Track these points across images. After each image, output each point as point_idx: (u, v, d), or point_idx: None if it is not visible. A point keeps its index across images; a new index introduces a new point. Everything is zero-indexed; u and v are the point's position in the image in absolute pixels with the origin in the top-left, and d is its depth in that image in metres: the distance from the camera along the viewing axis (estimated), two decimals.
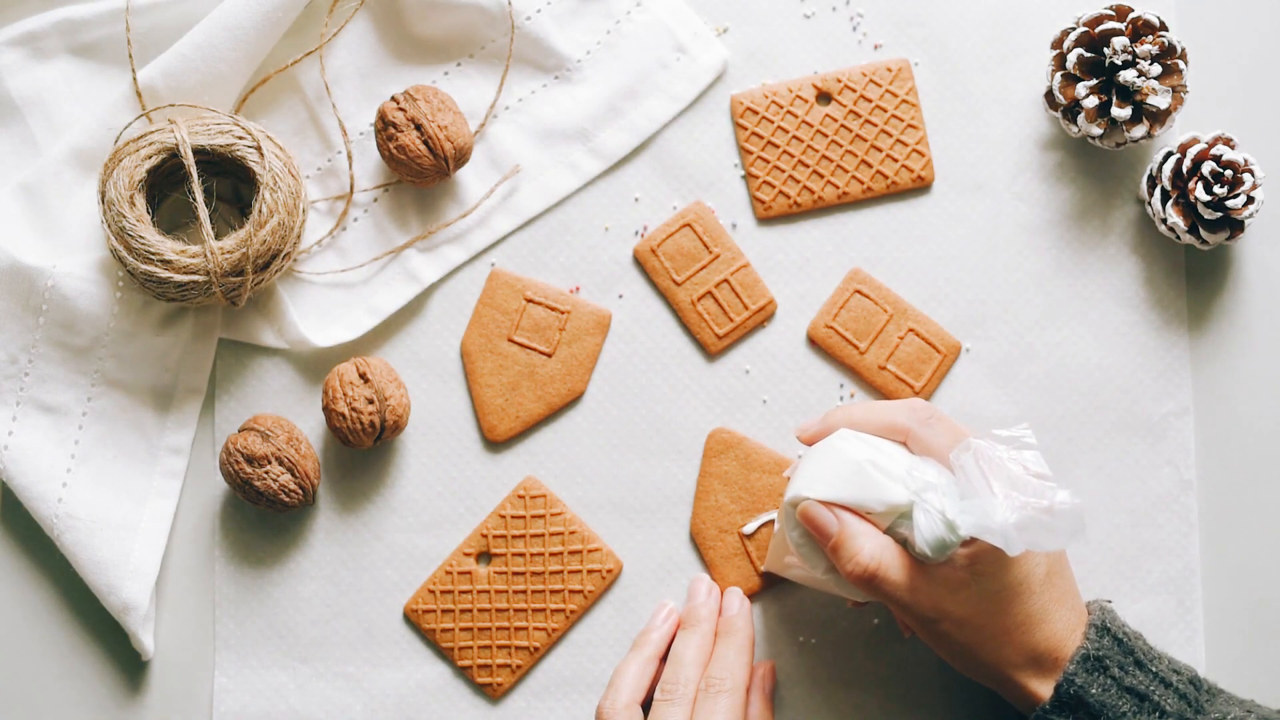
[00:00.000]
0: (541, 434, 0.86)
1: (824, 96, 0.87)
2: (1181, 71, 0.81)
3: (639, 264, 0.87)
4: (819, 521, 0.72)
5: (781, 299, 0.87)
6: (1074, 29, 0.82)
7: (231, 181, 0.86)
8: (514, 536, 0.85)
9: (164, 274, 0.80)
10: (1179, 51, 0.81)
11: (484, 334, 0.86)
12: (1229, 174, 0.81)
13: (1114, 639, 0.73)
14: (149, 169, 0.81)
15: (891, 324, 0.86)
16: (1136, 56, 0.80)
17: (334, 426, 0.82)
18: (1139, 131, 0.81)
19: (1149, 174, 0.84)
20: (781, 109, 0.86)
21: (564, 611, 0.85)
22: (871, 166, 0.86)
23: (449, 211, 0.87)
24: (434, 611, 0.85)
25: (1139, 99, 0.81)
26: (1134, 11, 0.81)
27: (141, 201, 0.81)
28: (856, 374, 0.86)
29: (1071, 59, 0.82)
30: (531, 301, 0.86)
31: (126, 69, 0.86)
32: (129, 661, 0.86)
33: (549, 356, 0.86)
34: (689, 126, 0.87)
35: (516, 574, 0.85)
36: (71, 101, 0.87)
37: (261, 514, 0.86)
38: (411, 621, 0.85)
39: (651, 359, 0.87)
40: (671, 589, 0.85)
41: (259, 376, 0.87)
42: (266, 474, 0.81)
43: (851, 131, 0.86)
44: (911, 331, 0.85)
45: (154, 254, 0.80)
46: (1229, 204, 0.81)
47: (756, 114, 0.87)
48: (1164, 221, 0.82)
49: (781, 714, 0.84)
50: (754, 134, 0.87)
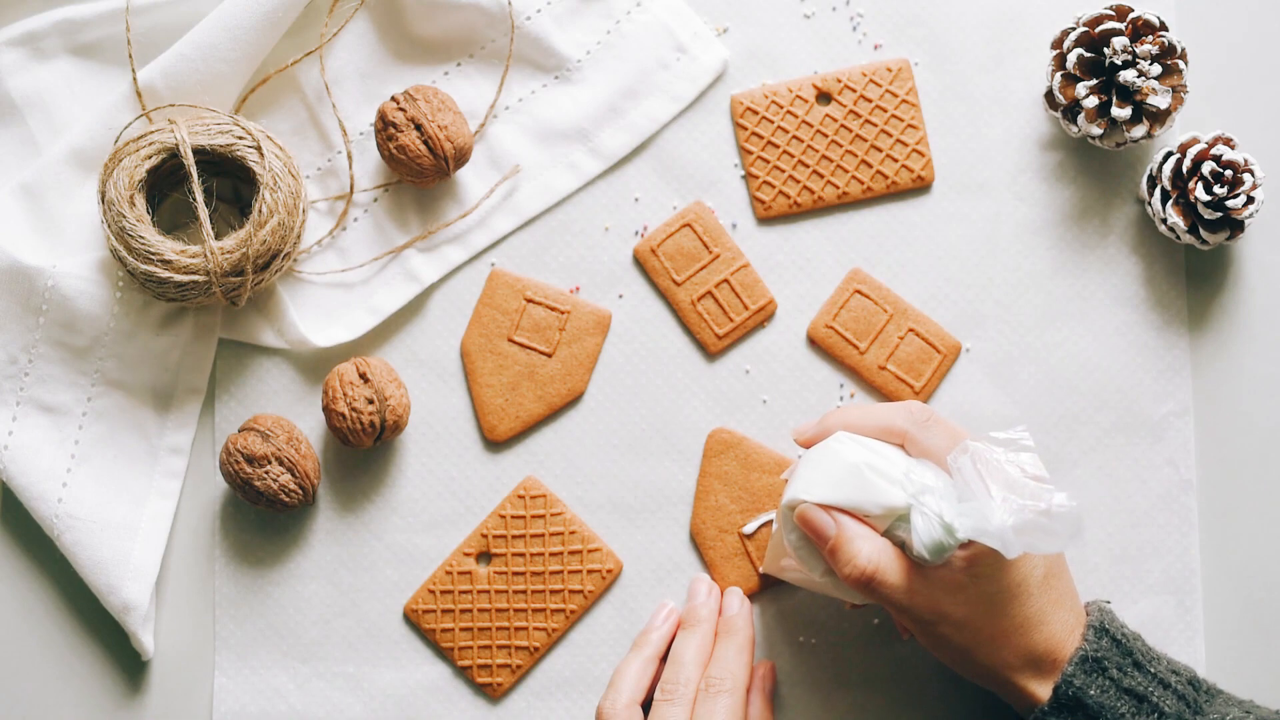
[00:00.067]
0: (541, 434, 0.86)
1: (824, 96, 0.87)
2: (1181, 71, 0.81)
3: (639, 264, 0.87)
4: (817, 524, 0.72)
5: (781, 299, 0.87)
6: (1074, 29, 0.82)
7: (231, 181, 0.86)
8: (514, 536, 0.85)
9: (164, 274, 0.80)
10: (1179, 51, 0.81)
11: (484, 334, 0.86)
12: (1229, 174, 0.81)
13: (1112, 640, 0.73)
14: (149, 169, 0.81)
15: (891, 324, 0.85)
16: (1136, 56, 0.80)
17: (334, 426, 0.82)
18: (1139, 131, 0.81)
19: (1149, 174, 0.84)
20: (781, 109, 0.86)
21: (564, 611, 0.85)
22: (871, 166, 0.86)
23: (449, 211, 0.87)
24: (434, 611, 0.85)
25: (1139, 99, 0.81)
26: (1134, 11, 0.81)
27: (141, 201, 0.81)
28: (856, 374, 0.86)
29: (1071, 59, 0.82)
30: (531, 301, 0.86)
31: (126, 69, 0.86)
32: (129, 661, 0.86)
33: (549, 356, 0.86)
34: (689, 126, 0.87)
35: (516, 574, 0.85)
36: (71, 101, 0.87)
37: (261, 514, 0.86)
38: (411, 621, 0.85)
39: (651, 359, 0.87)
40: (671, 589, 0.85)
41: (259, 376, 0.87)
42: (266, 474, 0.81)
43: (851, 131, 0.86)
44: (911, 331, 0.85)
45: (154, 254, 0.80)
46: (1229, 204, 0.81)
47: (756, 114, 0.87)
48: (1164, 221, 0.82)
49: (781, 714, 0.84)
50: (754, 134, 0.86)
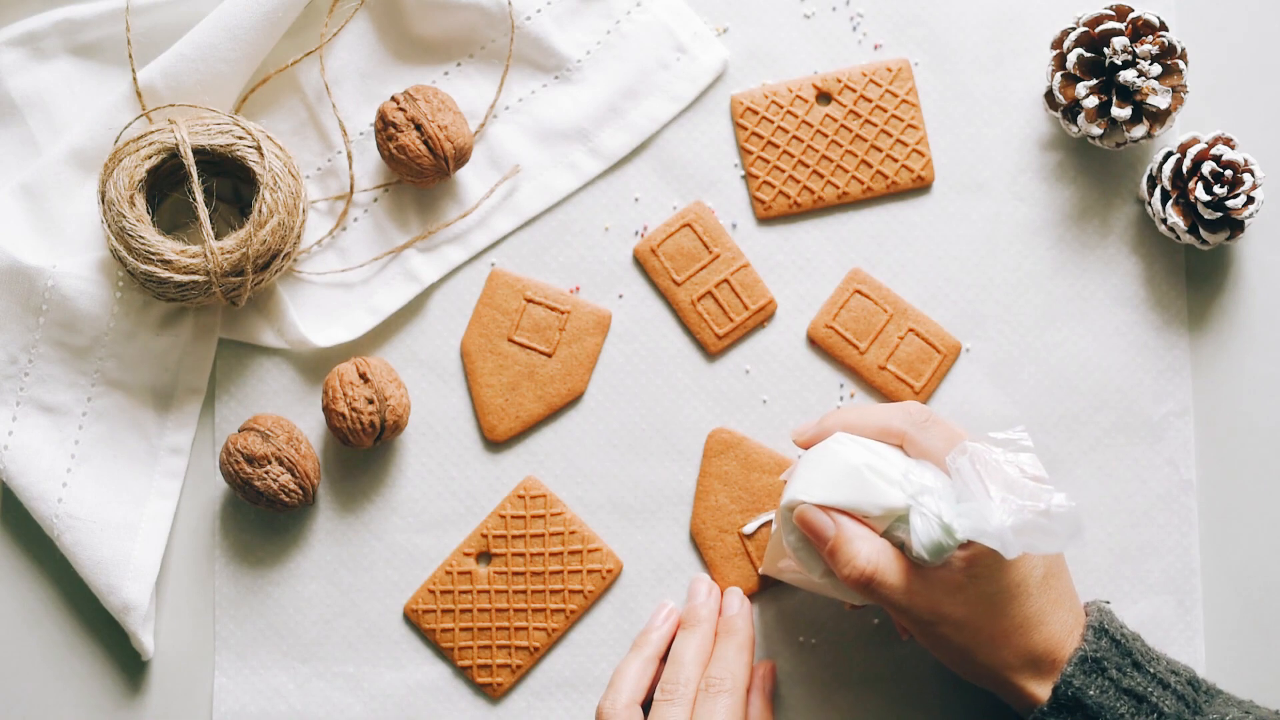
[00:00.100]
0: (541, 434, 0.86)
1: (824, 96, 0.87)
2: (1181, 71, 0.81)
3: (639, 264, 0.87)
4: (816, 525, 0.72)
5: (781, 299, 0.86)
6: (1074, 29, 0.82)
7: (231, 181, 0.86)
8: (514, 536, 0.85)
9: (164, 274, 0.80)
10: (1179, 51, 0.81)
11: (484, 334, 0.86)
12: (1229, 174, 0.80)
13: (1112, 640, 0.73)
14: (149, 169, 0.81)
15: (891, 324, 0.85)
16: (1136, 56, 0.80)
17: (334, 426, 0.82)
18: (1139, 131, 0.81)
19: (1149, 174, 0.84)
20: (781, 109, 0.86)
21: (564, 611, 0.85)
22: (871, 166, 0.86)
23: (449, 211, 0.87)
24: (434, 611, 0.85)
25: (1139, 99, 0.81)
26: (1134, 11, 0.81)
27: (141, 201, 0.81)
28: (856, 374, 0.86)
29: (1071, 59, 0.81)
30: (531, 301, 0.86)
31: (126, 69, 0.86)
32: (129, 661, 0.86)
33: (549, 356, 0.86)
34: (689, 126, 0.87)
35: (516, 574, 0.85)
36: (71, 101, 0.87)
37: (261, 514, 0.86)
38: (411, 621, 0.85)
39: (651, 359, 0.86)
40: (671, 589, 0.85)
41: (259, 376, 0.87)
42: (266, 474, 0.81)
43: (851, 131, 0.86)
44: (911, 331, 0.85)
45: (154, 254, 0.80)
46: (1229, 204, 0.80)
47: (756, 114, 0.87)
48: (1164, 221, 0.82)
49: (781, 714, 0.84)
50: (754, 134, 0.86)
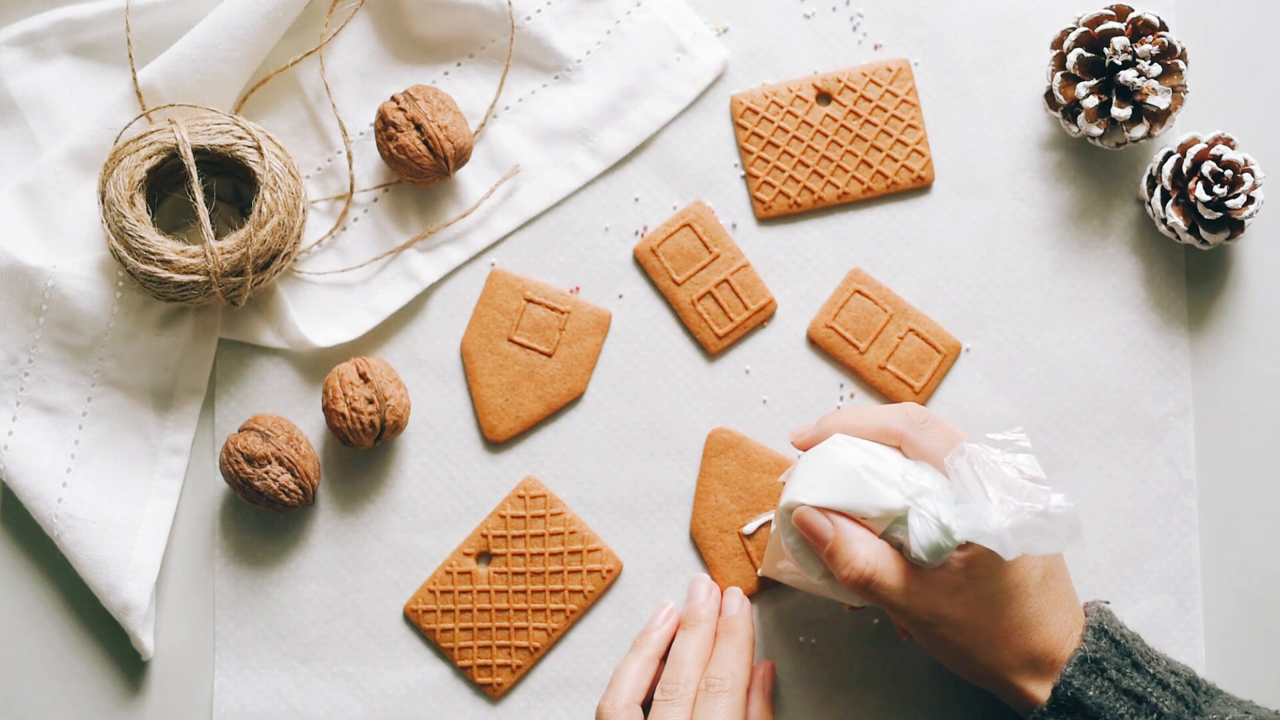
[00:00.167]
0: (541, 434, 0.86)
1: (824, 96, 0.87)
2: (1181, 71, 0.81)
3: (639, 264, 0.87)
4: (814, 527, 0.72)
5: (781, 299, 0.86)
6: (1074, 29, 0.82)
7: (231, 181, 0.86)
8: (514, 536, 0.85)
9: (164, 274, 0.80)
10: (1179, 51, 0.81)
11: (484, 334, 0.86)
12: (1229, 174, 0.80)
13: (1111, 641, 0.73)
14: (149, 169, 0.81)
15: (891, 324, 0.85)
16: (1136, 56, 0.80)
17: (334, 426, 0.82)
18: (1139, 131, 0.81)
19: (1149, 174, 0.84)
20: (781, 109, 0.86)
21: (564, 611, 0.85)
22: (871, 166, 0.86)
23: (449, 211, 0.87)
24: (434, 611, 0.85)
25: (1139, 99, 0.81)
26: (1134, 11, 0.81)
27: (141, 201, 0.81)
28: (856, 374, 0.86)
29: (1071, 59, 0.81)
30: (531, 301, 0.86)
31: (126, 69, 0.86)
32: (129, 661, 0.86)
33: (549, 356, 0.86)
34: (689, 126, 0.87)
35: (516, 574, 0.85)
36: (71, 101, 0.87)
37: (261, 514, 0.86)
38: (411, 621, 0.85)
39: (651, 359, 0.86)
40: (671, 589, 0.85)
41: (259, 376, 0.87)
42: (266, 474, 0.81)
43: (851, 131, 0.86)
44: (911, 331, 0.85)
45: (154, 254, 0.80)
46: (1229, 204, 0.80)
47: (756, 114, 0.86)
48: (1164, 221, 0.82)
49: (781, 714, 0.84)
50: (754, 134, 0.86)
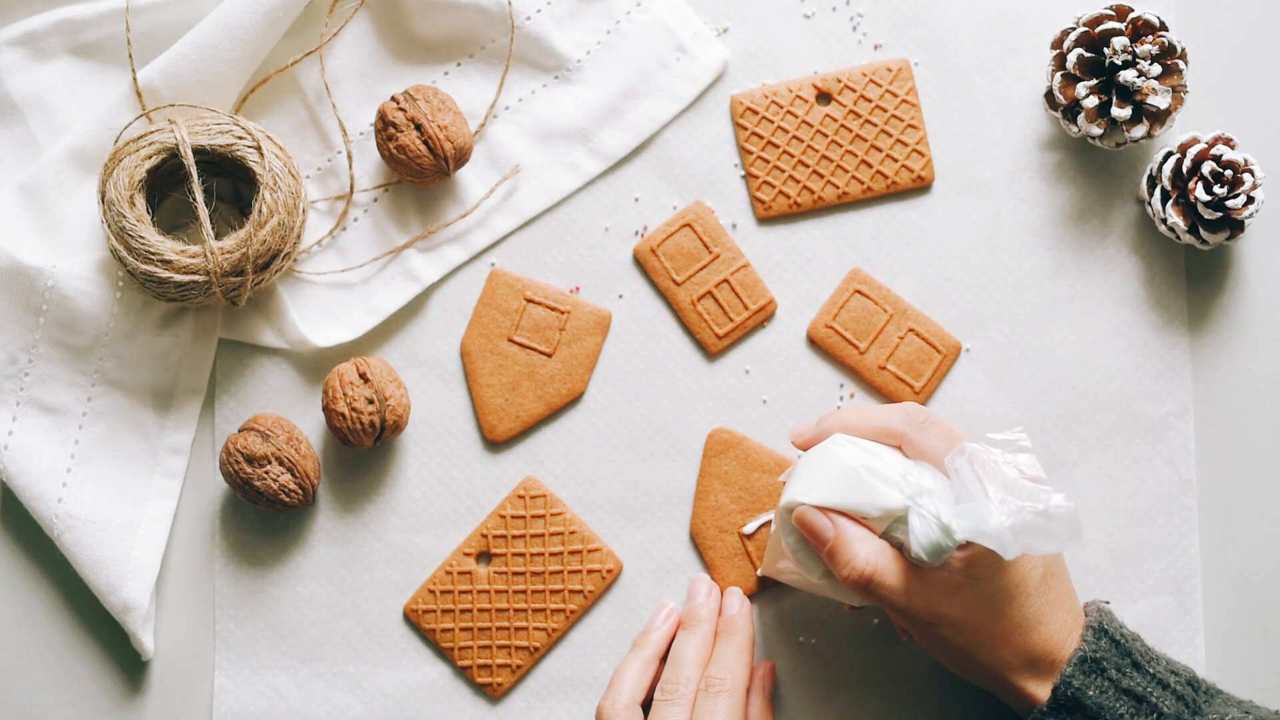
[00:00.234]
0: (541, 434, 0.86)
1: (824, 96, 0.87)
2: (1181, 71, 0.81)
3: (639, 264, 0.87)
4: (814, 527, 0.72)
5: (781, 299, 0.86)
6: (1074, 29, 0.82)
7: (231, 181, 0.86)
8: (514, 536, 0.85)
9: (164, 274, 0.80)
10: (1179, 51, 0.81)
11: (484, 334, 0.86)
12: (1229, 174, 0.80)
13: (1111, 641, 0.73)
14: (149, 169, 0.81)
15: (891, 324, 0.85)
16: (1136, 56, 0.80)
17: (334, 426, 0.82)
18: (1139, 131, 0.81)
19: (1149, 174, 0.84)
20: (781, 109, 0.86)
21: (564, 611, 0.85)
22: (871, 166, 0.86)
23: (449, 211, 0.87)
24: (434, 611, 0.85)
25: (1139, 99, 0.81)
26: (1134, 11, 0.81)
27: (141, 201, 0.81)
28: (856, 374, 0.86)
29: (1071, 59, 0.81)
30: (531, 301, 0.86)
31: (126, 69, 0.86)
32: (129, 661, 0.86)
33: (549, 356, 0.86)
34: (689, 126, 0.87)
35: (516, 574, 0.85)
36: (71, 101, 0.87)
37: (261, 514, 0.86)
38: (411, 621, 0.85)
39: (651, 359, 0.86)
40: (671, 589, 0.85)
41: (259, 376, 0.87)
42: (266, 474, 0.81)
43: (851, 131, 0.86)
44: (911, 331, 0.85)
45: (154, 254, 0.80)
46: (1229, 204, 0.80)
47: (756, 114, 0.86)
48: (1164, 221, 0.82)
49: (781, 714, 0.84)
50: (754, 134, 0.86)
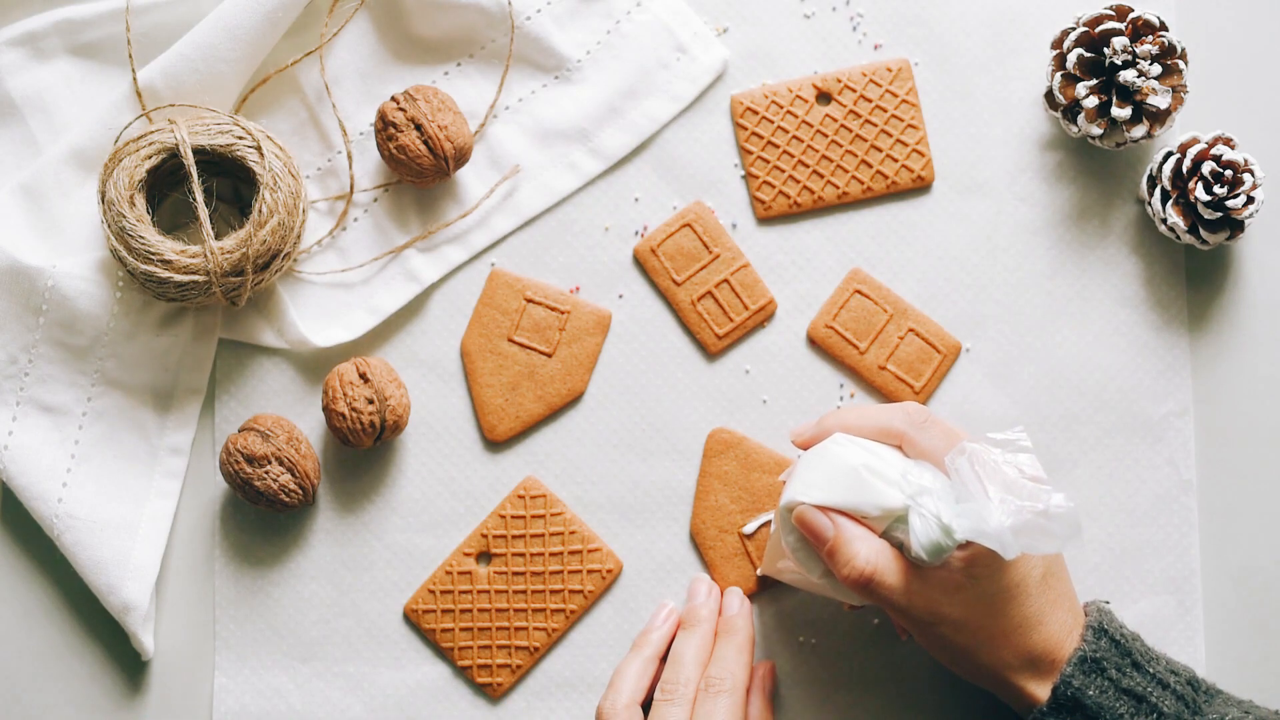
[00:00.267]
0: (541, 434, 0.86)
1: (824, 96, 0.87)
2: (1181, 71, 0.81)
3: (639, 264, 0.87)
4: (815, 526, 0.72)
5: (781, 299, 0.86)
6: (1074, 29, 0.82)
7: (231, 181, 0.86)
8: (514, 536, 0.85)
9: (164, 274, 0.80)
10: (1179, 51, 0.81)
11: (484, 334, 0.86)
12: (1229, 174, 0.80)
13: (1111, 640, 0.73)
14: (149, 169, 0.81)
15: (891, 324, 0.85)
16: (1136, 56, 0.80)
17: (334, 426, 0.82)
18: (1139, 131, 0.81)
19: (1149, 174, 0.84)
20: (781, 109, 0.86)
21: (564, 611, 0.85)
22: (871, 166, 0.86)
23: (449, 211, 0.87)
24: (434, 611, 0.85)
25: (1139, 99, 0.81)
26: (1134, 11, 0.81)
27: (141, 201, 0.81)
28: (856, 374, 0.86)
29: (1071, 59, 0.81)
30: (531, 301, 0.86)
31: (126, 69, 0.86)
32: (129, 661, 0.86)
33: (549, 356, 0.86)
34: (689, 126, 0.87)
35: (516, 574, 0.85)
36: (71, 101, 0.87)
37: (261, 514, 0.86)
38: (411, 621, 0.85)
39: (651, 359, 0.86)
40: (671, 589, 0.85)
41: (259, 376, 0.87)
42: (266, 474, 0.81)
43: (851, 131, 0.86)
44: (911, 331, 0.85)
45: (154, 254, 0.80)
46: (1229, 204, 0.80)
47: (756, 114, 0.86)
48: (1164, 221, 0.82)
49: (781, 714, 0.84)
50: (754, 134, 0.86)
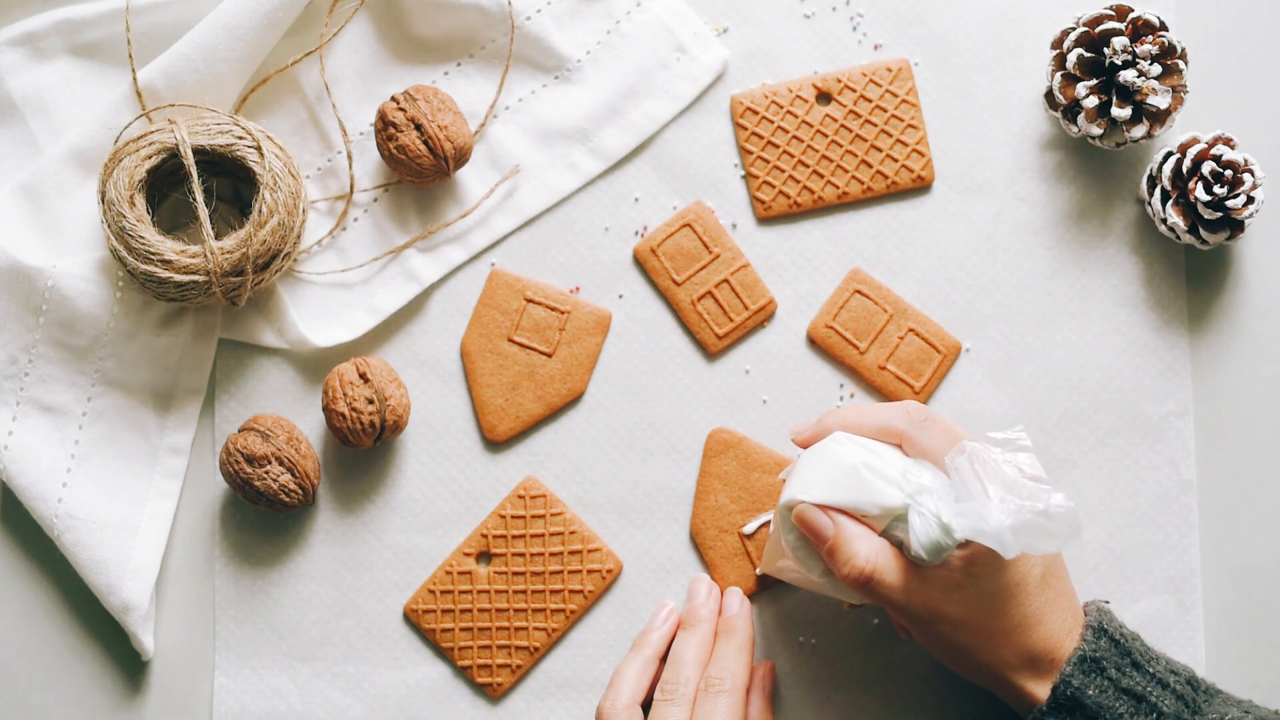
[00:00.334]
0: (541, 434, 0.86)
1: (824, 96, 0.87)
2: (1181, 71, 0.81)
3: (639, 264, 0.87)
4: (814, 525, 0.72)
5: (781, 299, 0.86)
6: (1074, 29, 0.82)
7: (231, 181, 0.86)
8: (514, 536, 0.85)
9: (164, 274, 0.80)
10: (1179, 51, 0.81)
11: (484, 334, 0.86)
12: (1229, 174, 0.80)
13: (1111, 640, 0.73)
14: (149, 169, 0.81)
15: (891, 324, 0.85)
16: (1136, 56, 0.80)
17: (334, 426, 0.82)
18: (1139, 131, 0.81)
19: (1149, 174, 0.84)
20: (781, 109, 0.86)
21: (564, 611, 0.85)
22: (871, 166, 0.86)
23: (449, 211, 0.87)
24: (434, 611, 0.85)
25: (1139, 99, 0.81)
26: (1134, 11, 0.81)
27: (141, 201, 0.81)
28: (856, 374, 0.86)
29: (1071, 59, 0.81)
30: (531, 301, 0.86)
31: (126, 69, 0.86)
32: (129, 661, 0.86)
33: (549, 356, 0.86)
34: (689, 126, 0.87)
35: (516, 574, 0.85)
36: (71, 101, 0.87)
37: (261, 514, 0.86)
38: (411, 621, 0.85)
39: (651, 359, 0.86)
40: (671, 589, 0.85)
41: (259, 376, 0.87)
42: (266, 474, 0.81)
43: (851, 131, 0.86)
44: (911, 331, 0.85)
45: (154, 254, 0.80)
46: (1229, 204, 0.80)
47: (756, 114, 0.87)
48: (1164, 221, 0.82)
49: (781, 714, 0.84)
50: (754, 134, 0.86)
